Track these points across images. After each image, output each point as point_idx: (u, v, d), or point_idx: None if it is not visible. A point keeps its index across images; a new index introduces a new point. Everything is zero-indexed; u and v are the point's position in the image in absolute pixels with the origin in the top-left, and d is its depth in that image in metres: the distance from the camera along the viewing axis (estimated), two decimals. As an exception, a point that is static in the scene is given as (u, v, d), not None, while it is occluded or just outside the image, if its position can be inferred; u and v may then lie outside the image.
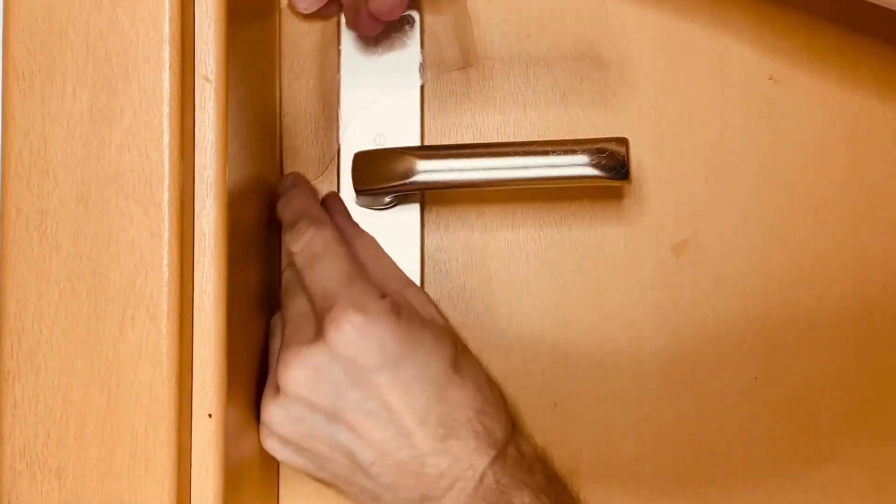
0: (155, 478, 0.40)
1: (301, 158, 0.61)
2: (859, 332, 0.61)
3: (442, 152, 0.55)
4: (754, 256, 0.61)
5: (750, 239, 0.61)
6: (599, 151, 0.53)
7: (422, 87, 0.60)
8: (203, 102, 0.40)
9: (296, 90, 0.61)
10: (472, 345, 0.61)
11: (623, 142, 0.53)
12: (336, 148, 0.61)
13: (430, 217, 0.62)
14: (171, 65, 0.39)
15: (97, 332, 0.40)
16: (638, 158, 0.61)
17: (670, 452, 0.61)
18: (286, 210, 0.55)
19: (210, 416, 0.41)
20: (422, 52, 0.61)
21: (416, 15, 0.61)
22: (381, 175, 0.55)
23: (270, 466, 0.55)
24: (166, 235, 0.39)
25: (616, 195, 0.61)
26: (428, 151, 0.55)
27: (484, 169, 0.54)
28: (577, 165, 0.53)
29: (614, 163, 0.53)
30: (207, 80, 0.40)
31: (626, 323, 0.61)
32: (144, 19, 0.39)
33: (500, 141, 0.61)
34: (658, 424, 0.61)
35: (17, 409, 0.40)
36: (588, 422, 0.61)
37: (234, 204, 0.42)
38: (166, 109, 0.39)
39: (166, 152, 0.39)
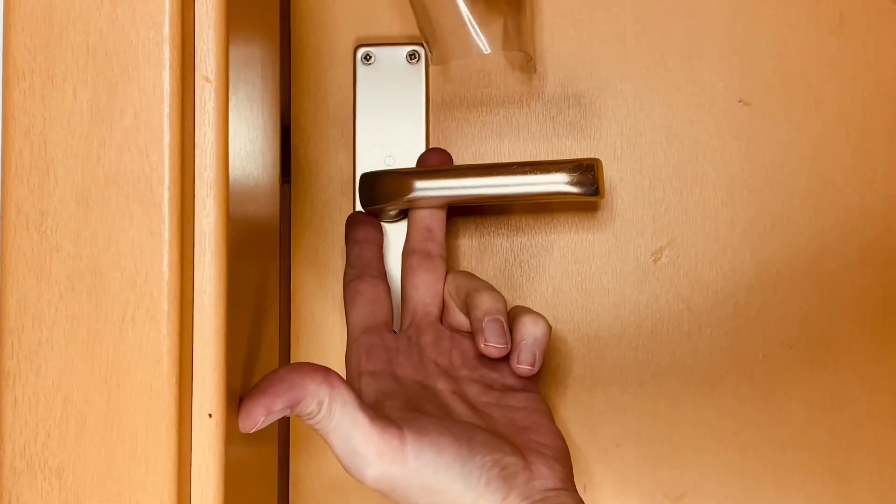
0: (155, 478, 0.30)
1: (315, 176, 0.54)
2: (821, 330, 0.53)
3: (436, 173, 0.49)
4: (725, 262, 0.53)
5: (721, 246, 0.53)
6: (573, 171, 0.47)
7: (427, 115, 0.54)
8: (203, 102, 0.30)
9: (311, 111, 0.54)
10: (472, 342, 0.52)
11: (594, 162, 0.48)
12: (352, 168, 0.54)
13: (434, 228, 0.53)
14: (171, 65, 0.30)
15: (97, 332, 0.30)
16: (620, 174, 0.54)
17: (648, 438, 0.53)
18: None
19: (210, 416, 0.31)
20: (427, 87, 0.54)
21: (421, 50, 0.53)
22: (384, 193, 0.50)
23: (270, 466, 0.45)
24: (166, 235, 0.30)
25: (599, 208, 0.54)
26: (424, 172, 0.50)
27: (472, 187, 0.49)
28: (554, 183, 0.48)
29: (587, 181, 0.47)
30: (207, 80, 0.30)
31: (609, 321, 0.53)
32: (144, 19, 0.30)
33: (495, 162, 0.54)
34: (637, 412, 0.53)
35: (17, 409, 0.30)
36: (573, 408, 0.53)
37: (235, 204, 0.32)
38: (166, 109, 0.30)
39: (166, 152, 0.30)
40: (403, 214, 0.53)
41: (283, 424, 0.52)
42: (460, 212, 0.53)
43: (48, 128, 0.30)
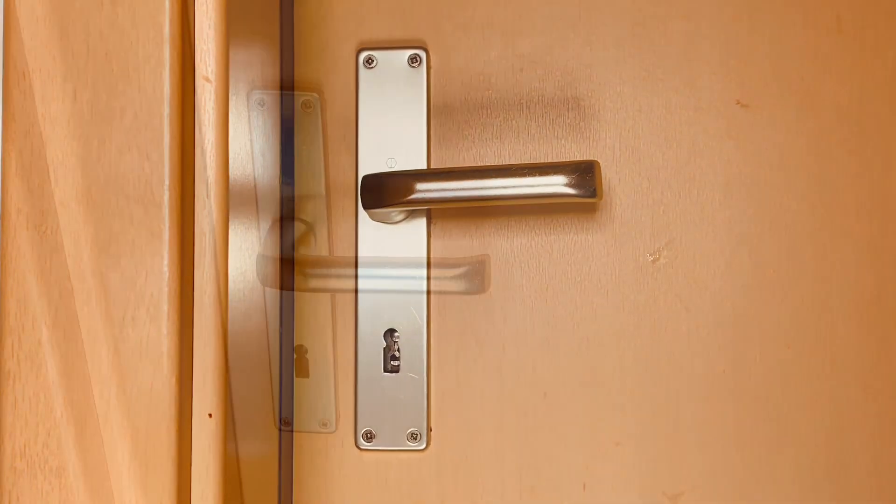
0: (155, 478, 0.29)
1: (316, 178, 0.53)
2: (820, 330, 0.52)
3: (437, 175, 0.49)
4: (723, 261, 0.52)
5: (719, 247, 0.52)
6: (572, 173, 0.47)
7: (428, 118, 0.53)
8: (203, 102, 0.30)
9: (311, 115, 0.53)
10: (472, 340, 0.52)
11: (593, 164, 0.47)
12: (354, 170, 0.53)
13: (436, 229, 0.53)
14: (171, 65, 0.29)
15: (97, 332, 0.30)
16: (619, 176, 0.53)
17: (647, 435, 0.52)
18: None
19: (210, 416, 0.31)
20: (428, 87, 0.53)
21: (422, 53, 0.52)
22: (385, 195, 0.49)
23: (271, 466, 0.45)
24: (166, 235, 0.29)
25: (598, 209, 0.53)
26: (426, 174, 0.49)
27: (473, 189, 0.48)
28: (553, 185, 0.47)
29: (585, 183, 0.47)
30: (207, 80, 0.30)
31: (608, 320, 0.53)
32: (144, 19, 0.29)
33: (496, 164, 0.53)
34: (637, 412, 0.52)
35: (18, 409, 0.30)
36: (574, 409, 0.52)
37: (235, 204, 0.32)
38: (166, 109, 0.29)
39: (166, 152, 0.29)
40: (406, 217, 0.52)
41: (284, 423, 0.51)
42: (461, 213, 0.53)
43: (48, 128, 0.29)
